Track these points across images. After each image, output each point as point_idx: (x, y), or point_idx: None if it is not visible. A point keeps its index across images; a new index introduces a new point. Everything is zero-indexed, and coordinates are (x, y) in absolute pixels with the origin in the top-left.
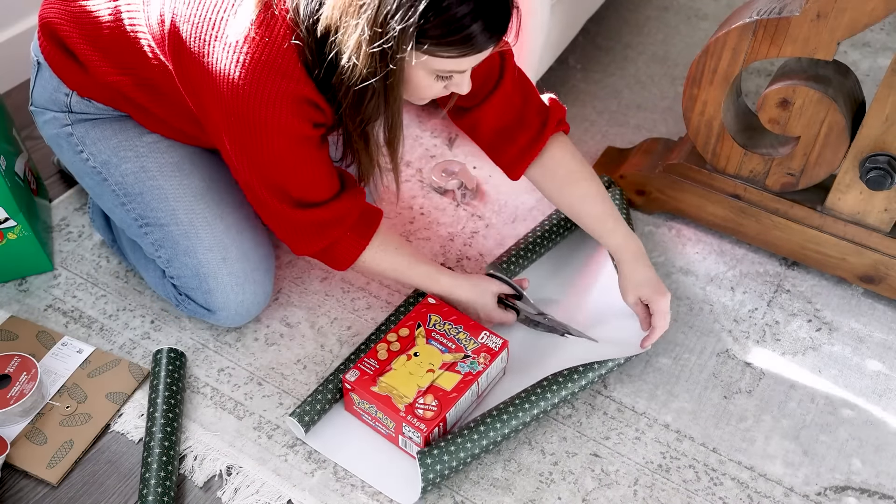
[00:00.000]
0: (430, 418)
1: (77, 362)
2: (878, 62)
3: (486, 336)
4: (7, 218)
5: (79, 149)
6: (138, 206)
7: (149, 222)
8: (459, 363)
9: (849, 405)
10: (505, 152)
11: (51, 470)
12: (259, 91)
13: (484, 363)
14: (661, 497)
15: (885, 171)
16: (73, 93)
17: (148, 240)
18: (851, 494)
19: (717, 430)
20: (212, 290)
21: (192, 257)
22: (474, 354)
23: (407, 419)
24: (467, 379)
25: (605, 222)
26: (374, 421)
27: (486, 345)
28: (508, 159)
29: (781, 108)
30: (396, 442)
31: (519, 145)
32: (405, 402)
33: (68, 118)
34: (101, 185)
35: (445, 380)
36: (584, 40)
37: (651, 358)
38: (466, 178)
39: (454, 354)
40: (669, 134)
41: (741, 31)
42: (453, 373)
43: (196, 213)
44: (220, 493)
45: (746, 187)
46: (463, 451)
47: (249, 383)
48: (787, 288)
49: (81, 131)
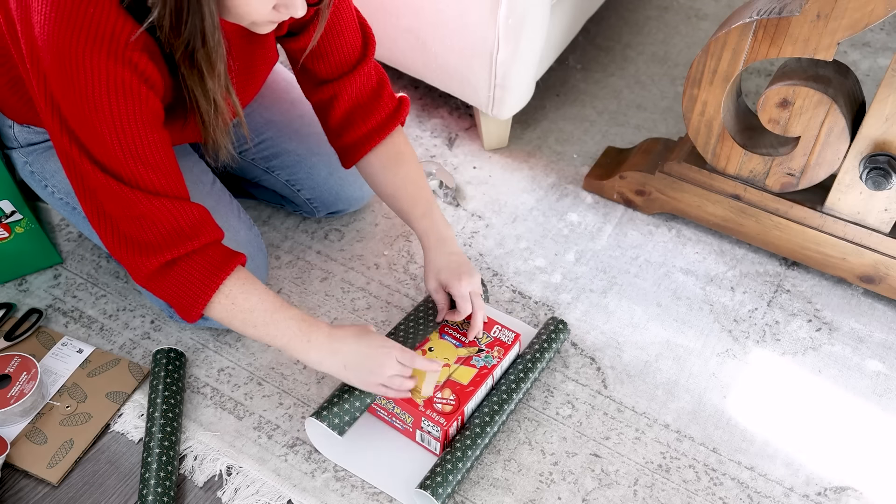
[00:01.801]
0: (448, 412)
1: (77, 362)
2: (878, 62)
3: (499, 330)
4: (14, 211)
5: (43, 183)
6: None
7: None
8: (474, 357)
9: (849, 405)
10: (353, 132)
11: (51, 470)
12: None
13: (498, 357)
14: (661, 497)
15: (885, 171)
16: (14, 123)
17: None
18: (851, 494)
19: (717, 430)
20: None
21: None
22: (488, 348)
23: (426, 413)
24: (483, 373)
25: (417, 206)
26: (391, 416)
27: (498, 338)
28: (354, 139)
29: (781, 108)
30: (413, 437)
31: (368, 126)
32: (423, 398)
33: (22, 154)
34: (73, 214)
35: (462, 374)
36: (584, 40)
37: (651, 358)
38: (445, 177)
39: (468, 349)
40: (669, 134)
41: (741, 31)
42: (469, 367)
43: None
44: (220, 493)
45: (746, 187)
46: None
47: (249, 383)
48: (787, 288)
49: (38, 166)
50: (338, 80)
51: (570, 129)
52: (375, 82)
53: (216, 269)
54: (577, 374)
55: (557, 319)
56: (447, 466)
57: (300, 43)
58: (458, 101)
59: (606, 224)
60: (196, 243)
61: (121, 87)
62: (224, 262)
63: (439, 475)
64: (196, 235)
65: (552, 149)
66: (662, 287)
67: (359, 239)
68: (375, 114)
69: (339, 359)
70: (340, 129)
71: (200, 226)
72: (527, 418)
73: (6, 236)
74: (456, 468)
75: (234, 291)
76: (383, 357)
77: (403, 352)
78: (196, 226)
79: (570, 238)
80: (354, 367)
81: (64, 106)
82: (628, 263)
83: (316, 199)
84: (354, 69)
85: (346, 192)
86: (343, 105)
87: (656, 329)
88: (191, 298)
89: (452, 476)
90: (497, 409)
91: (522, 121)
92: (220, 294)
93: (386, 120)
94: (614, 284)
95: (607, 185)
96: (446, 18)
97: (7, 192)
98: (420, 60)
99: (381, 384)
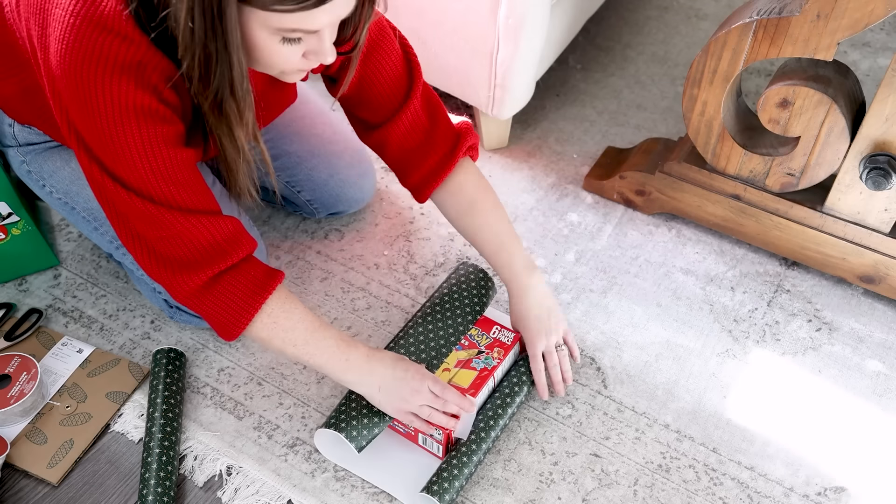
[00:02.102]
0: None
1: (77, 362)
2: (878, 62)
3: (498, 330)
4: (10, 213)
5: (41, 183)
6: (109, 228)
7: None
8: (474, 359)
9: (849, 405)
10: (411, 174)
11: (51, 470)
12: (85, 47)
13: (498, 358)
14: (661, 497)
15: (885, 171)
16: (14, 122)
17: (127, 259)
18: (851, 494)
19: (717, 430)
20: None
21: None
22: (488, 350)
23: None
24: (483, 375)
25: (499, 255)
26: (394, 420)
27: (498, 339)
28: (415, 182)
29: (781, 108)
30: (416, 440)
31: (426, 168)
32: None
33: (20, 153)
34: (72, 214)
35: (462, 377)
36: (584, 40)
37: (651, 358)
38: None
39: (468, 351)
40: (669, 134)
41: (741, 31)
42: (469, 370)
43: None
44: (220, 493)
45: (746, 187)
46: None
47: (249, 383)
48: (787, 288)
49: (36, 165)
50: (383, 126)
51: (570, 129)
52: (427, 121)
53: (259, 288)
54: (577, 374)
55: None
56: (452, 471)
57: (335, 91)
58: (458, 101)
59: (606, 224)
60: (235, 257)
61: (147, 111)
62: (266, 282)
63: (445, 480)
64: (234, 250)
65: (552, 149)
66: (662, 287)
67: (359, 239)
68: (431, 154)
69: (374, 380)
70: (401, 172)
71: (236, 239)
72: (527, 418)
73: (3, 238)
74: (461, 472)
75: (275, 311)
76: (418, 384)
77: (435, 381)
78: (232, 240)
79: (570, 238)
80: (388, 390)
81: (87, 136)
82: (628, 263)
83: (316, 201)
84: (399, 112)
85: (347, 193)
86: (393, 150)
87: (656, 329)
88: (234, 317)
89: (458, 481)
90: (499, 412)
91: (522, 121)
92: (263, 314)
93: (442, 160)
94: (614, 284)
95: (607, 185)
96: (446, 18)
97: (4, 194)
98: (420, 60)
99: (412, 412)
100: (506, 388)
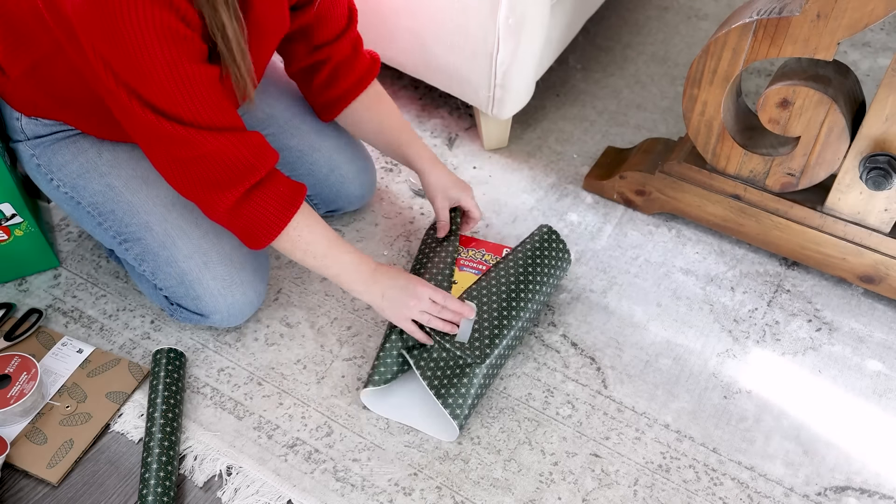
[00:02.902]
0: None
1: (77, 362)
2: (878, 62)
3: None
4: (14, 214)
5: (49, 177)
6: (113, 223)
7: (126, 238)
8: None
9: (849, 405)
10: (336, 87)
11: (51, 470)
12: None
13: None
14: (661, 497)
15: (885, 171)
16: (22, 115)
17: (130, 255)
18: (851, 494)
19: (717, 430)
20: (200, 296)
21: (174, 266)
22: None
23: None
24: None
25: (403, 133)
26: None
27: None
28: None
29: (781, 108)
30: None
31: (352, 80)
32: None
33: (29, 146)
34: (77, 209)
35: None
36: (584, 40)
37: (651, 358)
38: None
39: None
40: (669, 134)
41: (741, 31)
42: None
43: (170, 223)
44: (220, 493)
45: (746, 187)
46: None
47: (249, 383)
48: (787, 288)
49: (45, 159)
50: (332, 43)
51: (570, 129)
52: (356, 41)
53: (288, 203)
54: (577, 374)
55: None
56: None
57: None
58: (458, 101)
59: (606, 224)
60: (262, 171)
61: (169, 32)
62: (293, 197)
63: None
64: (261, 163)
65: (552, 149)
66: (662, 287)
67: (359, 239)
68: (357, 68)
69: (378, 288)
70: (326, 85)
71: (262, 153)
72: (527, 418)
73: (5, 239)
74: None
75: (300, 225)
76: (418, 290)
77: (436, 291)
78: (258, 153)
79: (570, 238)
80: (391, 298)
81: (115, 62)
82: (628, 263)
83: (316, 196)
84: (346, 32)
85: (347, 189)
86: (332, 64)
87: (656, 329)
88: (264, 231)
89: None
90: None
91: (522, 121)
92: (290, 227)
93: (366, 72)
94: (614, 284)
95: (607, 185)
96: (446, 18)
97: (8, 194)
98: (420, 60)
99: (412, 318)
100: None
